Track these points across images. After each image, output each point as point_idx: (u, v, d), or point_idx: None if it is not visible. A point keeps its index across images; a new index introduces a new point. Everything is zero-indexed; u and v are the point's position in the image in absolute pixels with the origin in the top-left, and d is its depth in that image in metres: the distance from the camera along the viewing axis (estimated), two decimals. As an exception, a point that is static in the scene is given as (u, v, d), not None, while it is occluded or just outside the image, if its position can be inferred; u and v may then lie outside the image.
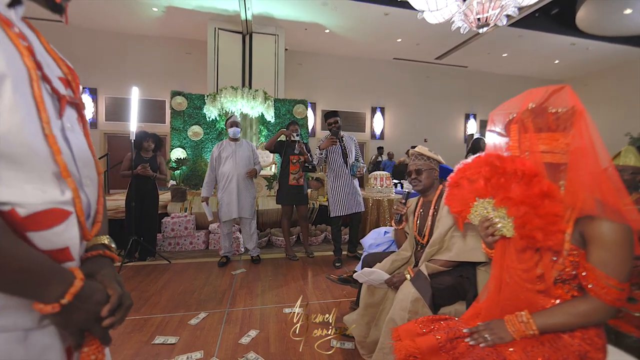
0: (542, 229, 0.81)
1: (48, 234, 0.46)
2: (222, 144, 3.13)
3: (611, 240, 0.75)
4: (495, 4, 3.44)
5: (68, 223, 0.49)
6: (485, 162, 0.88)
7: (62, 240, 0.48)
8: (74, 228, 0.50)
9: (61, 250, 0.48)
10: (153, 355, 1.61)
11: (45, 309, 0.43)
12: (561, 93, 0.78)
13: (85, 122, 0.59)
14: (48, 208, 0.46)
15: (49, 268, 0.45)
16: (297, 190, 3.18)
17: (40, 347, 0.47)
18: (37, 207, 0.45)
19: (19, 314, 0.44)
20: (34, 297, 0.43)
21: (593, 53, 8.28)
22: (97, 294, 0.50)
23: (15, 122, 0.43)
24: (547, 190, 0.80)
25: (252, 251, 3.19)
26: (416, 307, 1.21)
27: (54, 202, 0.47)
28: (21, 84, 0.44)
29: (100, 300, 0.50)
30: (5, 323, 0.43)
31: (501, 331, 0.86)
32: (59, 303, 0.44)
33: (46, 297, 0.43)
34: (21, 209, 0.43)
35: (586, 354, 0.81)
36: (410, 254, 1.56)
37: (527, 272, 0.88)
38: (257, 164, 3.18)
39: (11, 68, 0.43)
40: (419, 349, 0.89)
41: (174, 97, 5.77)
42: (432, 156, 1.61)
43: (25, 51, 0.46)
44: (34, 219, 0.45)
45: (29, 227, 0.44)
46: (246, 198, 3.06)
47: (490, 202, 0.90)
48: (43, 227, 0.46)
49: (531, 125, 0.81)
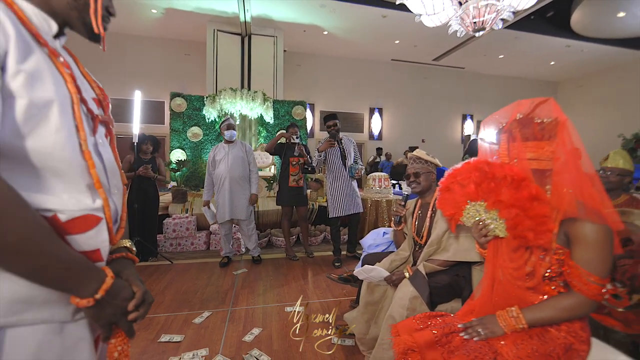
0: (533, 230, 0.87)
1: (83, 237, 0.52)
2: (217, 146, 3.13)
3: (593, 240, 0.81)
4: (491, 8, 3.51)
5: (99, 228, 0.55)
6: (475, 168, 0.94)
7: (95, 243, 0.54)
8: (104, 232, 0.56)
9: (93, 251, 0.54)
10: (160, 353, 1.66)
11: (81, 302, 0.49)
12: (546, 105, 0.84)
13: (113, 137, 0.65)
14: (83, 214, 0.52)
15: (86, 267, 0.50)
16: (297, 192, 3.23)
17: (74, 338, 0.52)
18: (75, 214, 0.51)
19: (57, 308, 0.50)
20: (72, 291, 0.49)
21: (588, 55, 8.40)
22: (124, 290, 0.56)
23: (60, 140, 0.49)
24: (535, 194, 0.86)
25: (253, 251, 3.21)
26: (414, 305, 1.27)
27: (88, 209, 0.53)
28: (65, 107, 0.51)
29: (127, 297, 0.56)
30: (46, 315, 0.49)
31: (493, 326, 0.93)
32: (93, 297, 0.49)
33: (83, 292, 0.49)
34: (62, 215, 0.50)
35: (571, 346, 0.87)
36: (409, 254, 1.62)
37: (518, 270, 0.94)
38: (251, 165, 3.09)
39: (58, 94, 0.50)
40: (416, 343, 0.95)
41: (173, 98, 5.81)
42: (430, 160, 1.67)
43: (69, 78, 0.53)
44: (72, 223, 0.51)
45: (68, 230, 0.50)
46: (240, 199, 3.01)
47: (482, 205, 0.97)
48: (79, 231, 0.51)
49: (519, 135, 0.87)
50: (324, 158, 3.05)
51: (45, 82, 0.49)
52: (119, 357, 0.57)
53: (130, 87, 6.97)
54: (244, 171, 3.04)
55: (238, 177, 2.99)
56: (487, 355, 0.86)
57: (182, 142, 5.77)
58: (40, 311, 0.48)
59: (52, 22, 0.55)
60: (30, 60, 0.47)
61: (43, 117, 0.48)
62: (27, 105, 0.46)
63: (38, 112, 0.48)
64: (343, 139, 3.14)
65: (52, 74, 0.50)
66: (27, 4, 0.53)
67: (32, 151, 0.47)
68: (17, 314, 0.46)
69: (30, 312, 0.47)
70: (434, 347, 0.94)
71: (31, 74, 0.47)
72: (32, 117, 0.47)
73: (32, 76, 0.47)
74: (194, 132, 5.83)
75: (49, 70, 0.50)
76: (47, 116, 0.49)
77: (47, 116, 0.49)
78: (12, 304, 0.45)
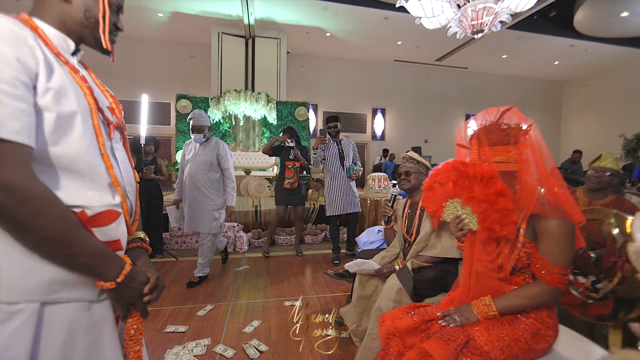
0: (499, 222, 0.95)
1: (106, 229, 0.62)
2: (190, 143, 2.72)
3: (555, 234, 0.89)
4: (489, 11, 3.56)
5: (119, 221, 0.65)
6: (453, 168, 1.02)
7: (116, 234, 0.64)
8: (123, 225, 0.66)
9: (114, 241, 0.64)
10: (166, 342, 1.77)
11: (105, 285, 0.59)
12: (510, 113, 0.92)
13: (126, 141, 0.75)
14: (106, 209, 0.62)
15: (109, 255, 0.60)
16: (291, 193, 3.32)
17: (99, 316, 0.62)
18: (99, 209, 0.61)
19: (86, 289, 0.59)
20: (97, 276, 0.59)
21: (592, 54, 8.34)
22: (140, 276, 0.65)
23: (83, 145, 0.59)
24: (500, 189, 0.95)
25: (196, 270, 2.66)
26: (400, 297, 1.35)
27: (110, 205, 0.63)
28: (86, 116, 0.60)
29: (143, 281, 0.65)
30: (77, 295, 0.58)
31: (468, 313, 1.01)
32: (115, 281, 0.59)
33: (106, 276, 0.59)
34: (88, 210, 0.59)
35: (538, 331, 0.95)
36: (399, 250, 1.70)
37: (491, 263, 1.02)
38: (226, 171, 2.63)
39: (80, 105, 0.59)
40: (397, 328, 1.04)
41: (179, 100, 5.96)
42: (422, 161, 1.76)
43: (88, 90, 0.62)
44: (97, 217, 0.60)
45: (93, 224, 0.60)
46: (200, 211, 2.54)
47: (458, 201, 1.05)
48: (103, 224, 0.61)
49: (486, 140, 0.96)
50: (322, 157, 3.15)
51: (69, 97, 0.57)
52: (135, 333, 0.66)
53: (137, 89, 7.15)
54: (209, 178, 2.59)
55: (201, 185, 2.56)
56: (460, 337, 0.94)
57: (187, 142, 5.90)
58: (73, 291, 0.57)
59: (70, 41, 0.64)
60: (55, 78, 0.56)
61: (69, 127, 0.57)
62: (55, 117, 0.55)
63: (65, 122, 0.57)
64: (343, 141, 3.24)
65: (74, 88, 0.59)
66: (48, 27, 0.61)
67: (61, 156, 0.56)
68: (54, 293, 0.55)
69: (65, 291, 0.56)
70: (414, 333, 1.03)
71: (57, 90, 0.55)
72: (60, 127, 0.56)
73: (58, 92, 0.55)
74: (199, 133, 5.95)
75: (71, 85, 0.59)
76: (72, 126, 0.58)
77: (72, 126, 0.58)
78: (51, 285, 0.54)
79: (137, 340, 0.67)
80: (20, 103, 0.50)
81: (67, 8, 0.62)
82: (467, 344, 0.92)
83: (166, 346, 1.72)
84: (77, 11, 0.62)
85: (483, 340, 0.94)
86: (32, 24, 0.58)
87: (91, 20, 0.64)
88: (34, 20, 0.59)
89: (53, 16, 0.61)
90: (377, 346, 1.36)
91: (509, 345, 0.91)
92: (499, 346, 0.91)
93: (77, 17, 0.63)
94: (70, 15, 0.62)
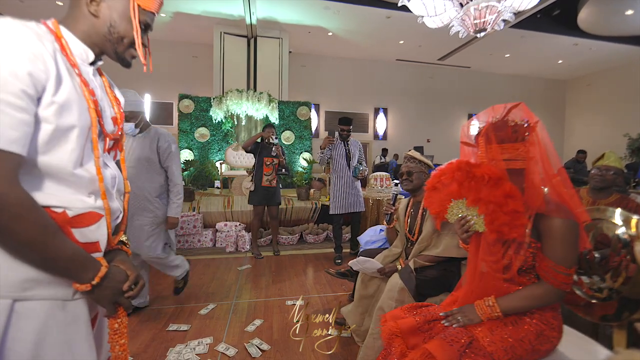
0: (508, 224, 0.94)
1: (86, 230, 0.63)
2: None
3: (560, 234, 0.88)
4: (492, 9, 3.54)
5: (100, 223, 0.66)
6: (457, 168, 1.01)
7: (95, 236, 0.65)
8: (104, 227, 0.67)
9: (93, 243, 0.65)
10: (168, 340, 1.77)
11: (80, 287, 0.60)
12: (517, 109, 0.91)
13: (122, 150, 0.78)
14: (87, 211, 0.63)
15: (85, 258, 0.61)
16: (269, 191, 3.28)
17: (74, 314, 0.62)
18: (80, 210, 0.62)
19: (60, 288, 0.60)
20: (74, 278, 0.59)
21: (596, 53, 8.28)
22: (119, 274, 0.67)
23: (72, 159, 0.60)
24: (509, 191, 0.94)
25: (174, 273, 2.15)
26: (402, 296, 1.35)
27: (92, 207, 0.64)
28: (83, 131, 0.62)
29: (122, 279, 0.67)
30: (51, 293, 0.59)
31: (471, 314, 1.00)
32: (90, 283, 0.60)
33: (82, 279, 0.60)
34: (69, 211, 0.60)
35: (542, 332, 0.94)
36: (401, 250, 1.70)
37: (496, 263, 1.01)
38: (170, 170, 2.01)
39: (80, 120, 0.61)
40: (400, 328, 1.03)
41: (181, 99, 5.96)
42: (424, 160, 1.75)
43: (92, 104, 0.64)
44: (78, 218, 0.61)
45: (74, 224, 0.61)
46: (133, 225, 1.93)
47: (464, 202, 1.04)
48: (83, 225, 0.62)
49: (494, 137, 0.95)
50: (329, 156, 3.15)
51: (72, 111, 0.59)
52: (119, 327, 0.68)
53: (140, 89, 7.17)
54: (149, 180, 1.96)
55: (138, 190, 1.92)
56: (463, 338, 0.93)
57: (189, 142, 5.92)
58: (47, 289, 0.58)
59: (90, 53, 0.66)
60: (62, 92, 0.57)
61: (63, 139, 0.59)
62: (53, 129, 0.56)
63: (61, 135, 0.58)
64: (350, 141, 3.25)
65: (78, 102, 0.60)
66: (73, 37, 0.64)
67: (48, 165, 0.57)
68: (27, 290, 0.56)
69: (38, 289, 0.57)
70: (416, 333, 1.02)
71: (62, 105, 0.57)
72: (54, 139, 0.57)
73: (62, 107, 0.57)
74: (201, 133, 5.98)
75: (77, 99, 0.60)
76: (66, 139, 0.59)
77: (66, 139, 0.59)
78: (24, 282, 0.56)
79: (122, 334, 0.69)
80: (22, 114, 0.51)
81: (95, 22, 0.65)
82: (470, 344, 0.91)
83: (169, 345, 1.73)
84: (103, 26, 0.65)
85: (486, 341, 0.93)
86: (59, 32, 0.61)
87: (114, 35, 0.66)
88: (62, 29, 0.62)
89: (81, 28, 0.65)
90: (379, 346, 1.36)
91: (512, 347, 0.91)
92: (502, 347, 0.90)
93: (102, 31, 0.66)
94: (96, 29, 0.65)
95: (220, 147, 6.04)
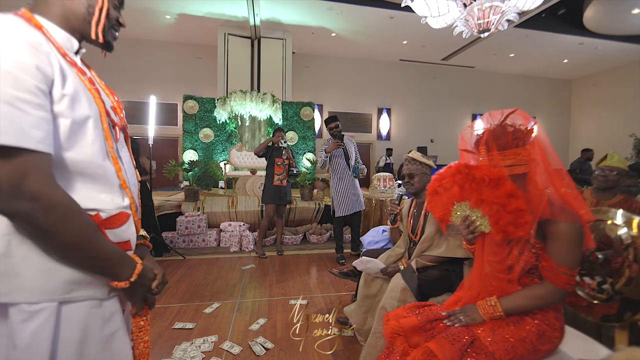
0: (513, 223, 0.95)
1: (118, 231, 0.64)
2: None
3: (564, 236, 0.89)
4: (496, 9, 3.53)
5: (129, 222, 0.67)
6: (457, 171, 1.03)
7: (127, 235, 0.66)
8: (132, 226, 0.69)
9: (125, 242, 0.66)
10: (174, 338, 1.80)
11: (119, 284, 0.61)
12: (514, 114, 0.92)
13: (128, 140, 0.77)
14: (118, 212, 0.64)
15: (123, 257, 0.63)
16: (281, 190, 3.36)
17: (110, 311, 0.64)
18: (112, 212, 0.63)
19: (97, 288, 0.61)
20: (112, 277, 0.61)
21: (602, 52, 8.20)
22: (149, 272, 0.69)
23: (95, 150, 0.60)
24: (510, 191, 0.95)
25: None
26: (404, 296, 1.36)
27: (121, 207, 0.65)
28: (97, 120, 0.61)
29: (152, 277, 0.69)
30: (90, 294, 0.60)
31: (473, 313, 1.01)
32: (129, 281, 0.62)
33: (120, 277, 0.62)
34: (102, 213, 0.61)
35: (544, 332, 0.95)
36: (404, 250, 1.71)
37: (500, 264, 1.02)
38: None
39: (91, 109, 0.60)
40: (402, 327, 1.04)
41: (186, 100, 6.02)
42: (425, 161, 1.75)
43: (96, 93, 0.63)
44: (111, 220, 0.63)
45: (107, 226, 0.62)
46: None
47: (467, 204, 1.05)
48: (116, 226, 0.64)
49: (494, 145, 0.96)
50: (329, 159, 3.16)
51: (82, 101, 0.58)
52: (144, 325, 0.70)
53: (145, 90, 7.26)
54: None
55: None
56: (465, 338, 0.95)
57: (194, 143, 5.98)
58: (86, 290, 0.59)
59: (74, 40, 0.62)
60: (69, 83, 0.56)
61: (82, 132, 0.58)
62: (70, 123, 0.55)
63: (78, 128, 0.57)
64: (345, 140, 3.24)
65: (84, 92, 0.59)
66: (52, 26, 0.59)
67: (75, 161, 0.57)
68: (71, 292, 0.57)
69: (79, 291, 0.58)
70: (418, 332, 1.03)
71: (72, 96, 0.55)
72: (74, 133, 0.56)
73: (72, 98, 0.56)
74: (206, 134, 6.03)
75: (82, 90, 0.59)
76: (84, 131, 0.58)
77: (84, 131, 0.58)
78: (67, 284, 0.57)
79: (146, 331, 0.71)
80: (41, 111, 0.50)
81: (69, 4, 0.60)
82: (472, 344, 0.92)
83: (174, 342, 1.76)
84: (80, 6, 0.61)
85: (488, 341, 0.94)
86: (36, 22, 0.56)
87: (95, 15, 0.62)
88: (37, 18, 0.57)
89: (55, 13, 0.59)
90: (381, 345, 1.37)
91: (514, 346, 0.92)
92: (504, 347, 0.91)
93: (80, 12, 0.61)
94: (72, 11, 0.60)
95: (224, 147, 6.08)
